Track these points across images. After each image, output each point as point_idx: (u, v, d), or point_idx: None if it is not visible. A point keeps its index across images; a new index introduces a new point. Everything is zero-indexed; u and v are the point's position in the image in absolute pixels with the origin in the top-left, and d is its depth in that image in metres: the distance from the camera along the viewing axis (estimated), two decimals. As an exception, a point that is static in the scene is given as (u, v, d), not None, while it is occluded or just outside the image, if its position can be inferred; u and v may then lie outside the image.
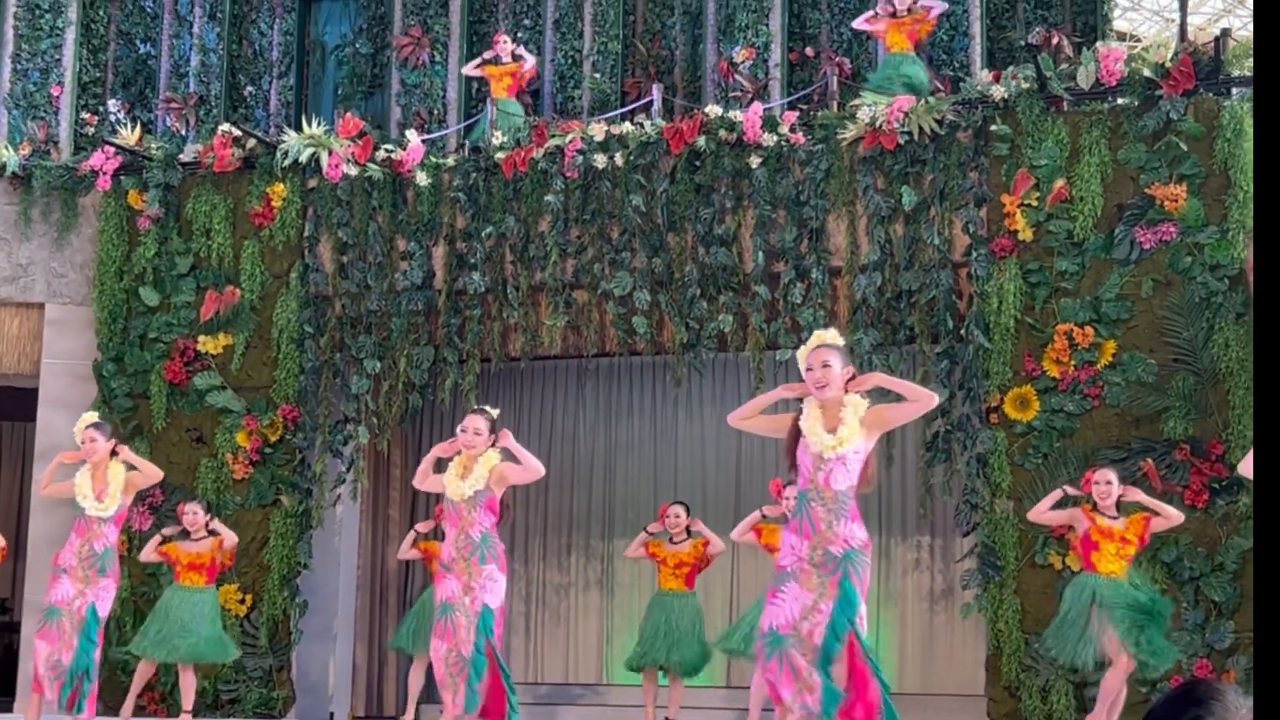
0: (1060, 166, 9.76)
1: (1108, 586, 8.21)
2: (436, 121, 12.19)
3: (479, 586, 7.48)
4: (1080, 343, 9.57)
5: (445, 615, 7.53)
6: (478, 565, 7.53)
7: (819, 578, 5.93)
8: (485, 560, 7.55)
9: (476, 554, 7.55)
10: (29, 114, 12.32)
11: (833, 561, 5.90)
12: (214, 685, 10.88)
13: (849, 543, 5.92)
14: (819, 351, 6.06)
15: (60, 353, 11.60)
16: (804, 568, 5.95)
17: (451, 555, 7.58)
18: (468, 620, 7.46)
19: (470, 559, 7.54)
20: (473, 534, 7.58)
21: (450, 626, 7.49)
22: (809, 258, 10.21)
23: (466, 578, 7.51)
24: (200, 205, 11.50)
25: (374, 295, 11.12)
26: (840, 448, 5.97)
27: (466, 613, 7.48)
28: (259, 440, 11.13)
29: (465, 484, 7.58)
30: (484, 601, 7.47)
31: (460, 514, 7.58)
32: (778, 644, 5.89)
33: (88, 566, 8.52)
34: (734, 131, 10.39)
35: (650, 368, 12.38)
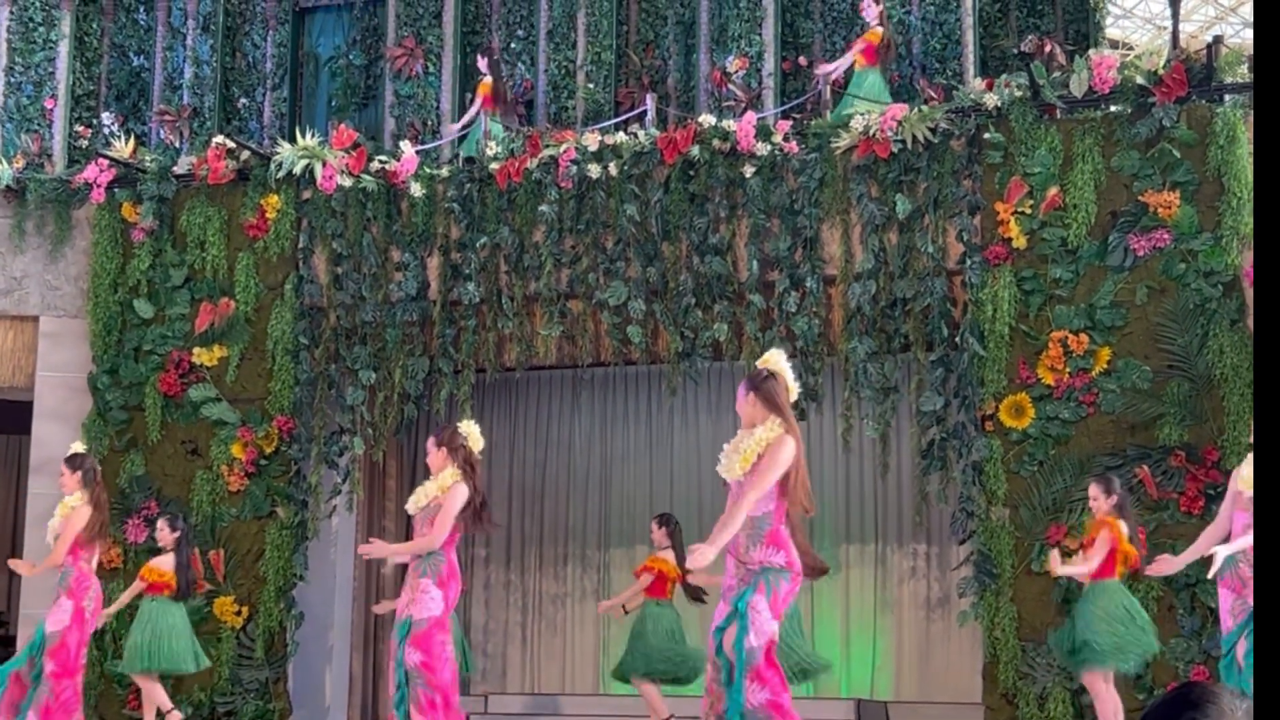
0: (1054, 174, 9.77)
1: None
2: (430, 132, 12.20)
3: (412, 601, 7.55)
4: (1075, 350, 9.57)
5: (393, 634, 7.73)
6: (416, 579, 7.58)
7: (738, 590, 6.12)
8: (426, 575, 7.57)
9: (418, 570, 7.59)
10: (23, 127, 12.32)
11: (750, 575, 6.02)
12: (210, 698, 10.86)
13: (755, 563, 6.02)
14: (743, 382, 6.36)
15: (55, 365, 11.59)
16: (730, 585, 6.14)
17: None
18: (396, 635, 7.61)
19: (413, 574, 7.61)
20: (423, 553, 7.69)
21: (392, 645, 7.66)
22: (803, 266, 10.22)
23: (410, 593, 7.59)
24: (194, 217, 11.50)
25: (369, 306, 11.11)
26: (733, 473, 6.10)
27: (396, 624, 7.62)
28: (254, 452, 11.12)
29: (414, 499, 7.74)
30: (409, 614, 7.53)
31: (416, 529, 7.71)
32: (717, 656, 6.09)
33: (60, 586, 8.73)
34: (728, 141, 10.40)
35: (645, 377, 12.38)
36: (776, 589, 6.00)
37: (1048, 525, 9.46)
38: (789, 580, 6.03)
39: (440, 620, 7.50)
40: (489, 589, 12.91)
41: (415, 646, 7.46)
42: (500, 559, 12.92)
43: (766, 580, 6.00)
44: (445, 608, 7.52)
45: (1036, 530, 9.46)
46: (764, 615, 5.94)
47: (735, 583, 6.05)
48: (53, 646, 8.60)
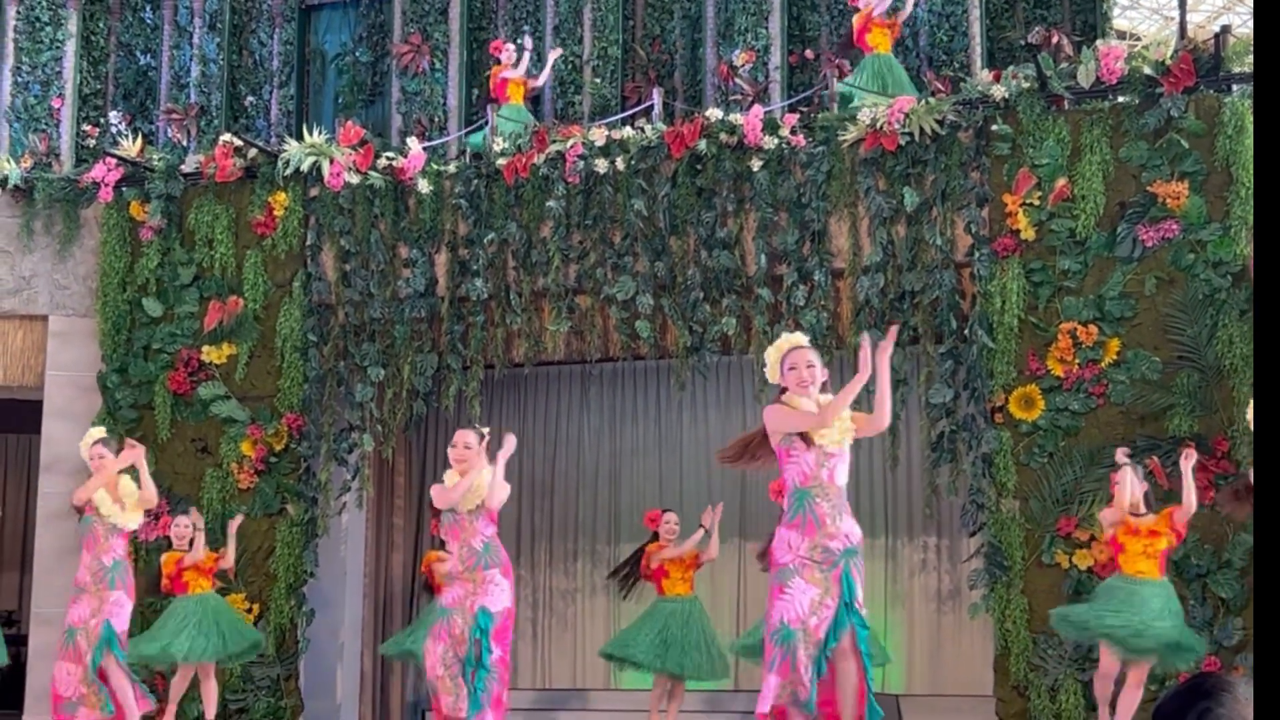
0: (1062, 165, 9.75)
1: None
2: (437, 129, 12.20)
3: (481, 591, 7.51)
4: (1084, 341, 9.56)
5: (444, 618, 7.65)
6: (481, 572, 7.60)
7: (821, 573, 6.02)
8: (489, 566, 7.62)
9: (480, 564, 7.63)
10: (30, 127, 12.35)
11: (830, 557, 6.01)
12: (222, 695, 10.86)
13: (849, 539, 6.06)
14: (803, 352, 6.26)
15: (64, 364, 11.61)
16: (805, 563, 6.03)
17: (457, 568, 7.69)
18: (464, 622, 7.50)
19: (475, 570, 7.61)
20: (475, 544, 7.70)
21: (447, 628, 7.58)
22: (811, 260, 10.21)
23: (471, 585, 7.58)
24: (202, 215, 11.51)
25: (377, 303, 11.12)
26: (845, 441, 6.11)
27: (465, 615, 7.54)
28: (264, 449, 11.13)
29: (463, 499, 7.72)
30: (481, 604, 7.50)
31: (462, 527, 7.70)
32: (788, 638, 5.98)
33: (98, 581, 8.58)
34: (735, 135, 10.39)
35: (654, 372, 12.38)
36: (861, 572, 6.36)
37: (1058, 517, 9.45)
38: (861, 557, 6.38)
39: (512, 610, 7.64)
40: (499, 585, 12.89)
41: (498, 642, 7.50)
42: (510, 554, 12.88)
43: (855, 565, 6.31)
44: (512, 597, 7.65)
45: (1047, 522, 9.45)
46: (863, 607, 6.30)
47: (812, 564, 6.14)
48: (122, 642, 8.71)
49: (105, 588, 8.61)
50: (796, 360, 6.35)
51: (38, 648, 11.37)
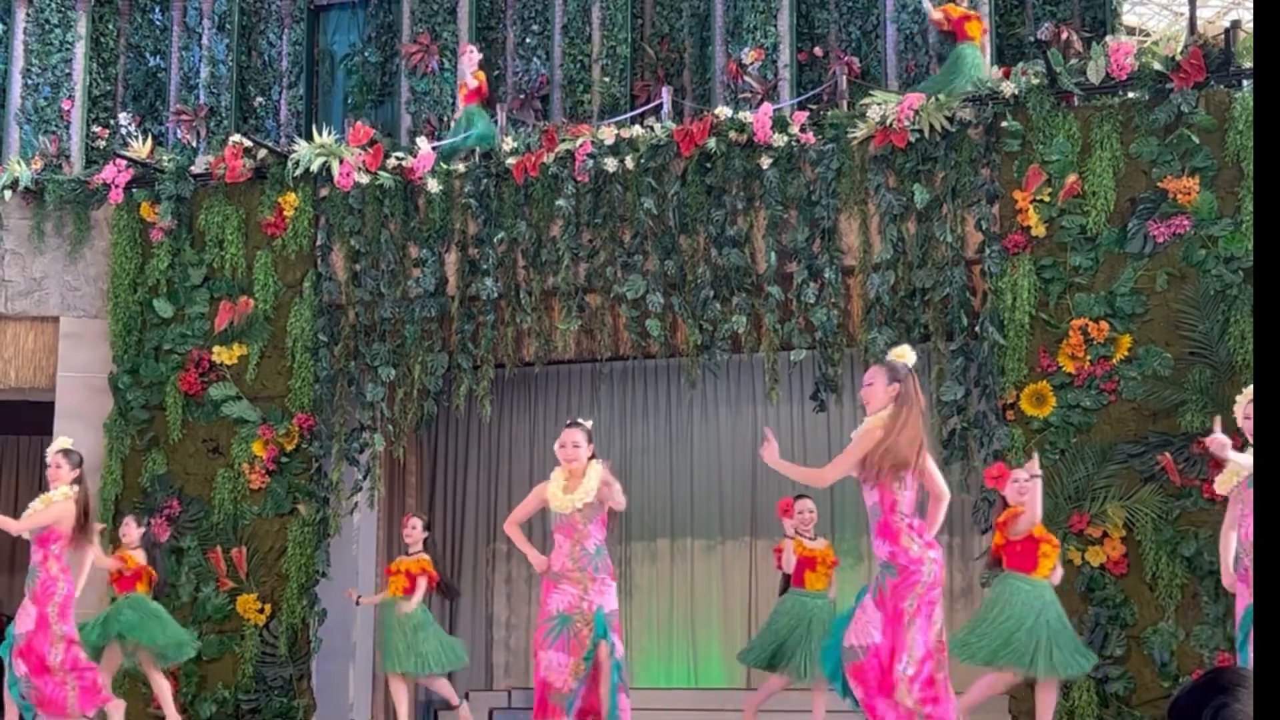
0: (1072, 162, 9.74)
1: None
2: (446, 128, 12.20)
3: (595, 592, 7.42)
4: (1095, 337, 9.54)
5: (565, 626, 7.42)
6: (593, 575, 7.48)
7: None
8: (600, 571, 7.51)
9: (592, 565, 7.48)
10: (40, 129, 12.37)
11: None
12: (235, 695, 10.89)
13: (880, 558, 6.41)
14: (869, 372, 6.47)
15: (75, 366, 11.63)
16: None
17: (566, 566, 7.50)
18: (588, 629, 7.38)
19: (586, 570, 7.48)
20: (588, 546, 7.51)
21: (574, 639, 7.39)
22: (822, 257, 10.20)
23: (583, 586, 7.45)
24: (213, 216, 11.53)
25: (387, 303, 11.13)
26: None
27: (585, 619, 7.41)
28: (275, 450, 11.14)
29: (574, 497, 7.53)
30: (598, 605, 7.42)
31: (575, 527, 7.52)
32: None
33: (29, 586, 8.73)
34: (744, 133, 10.39)
35: (664, 370, 12.39)
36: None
37: (1070, 513, 9.43)
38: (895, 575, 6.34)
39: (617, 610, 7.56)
40: (510, 584, 12.93)
41: (618, 637, 7.44)
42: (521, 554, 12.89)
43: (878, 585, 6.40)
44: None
45: (1059, 519, 9.43)
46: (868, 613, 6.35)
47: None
48: (20, 648, 8.62)
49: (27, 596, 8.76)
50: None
51: (51, 648, 11.38)
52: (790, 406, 12.08)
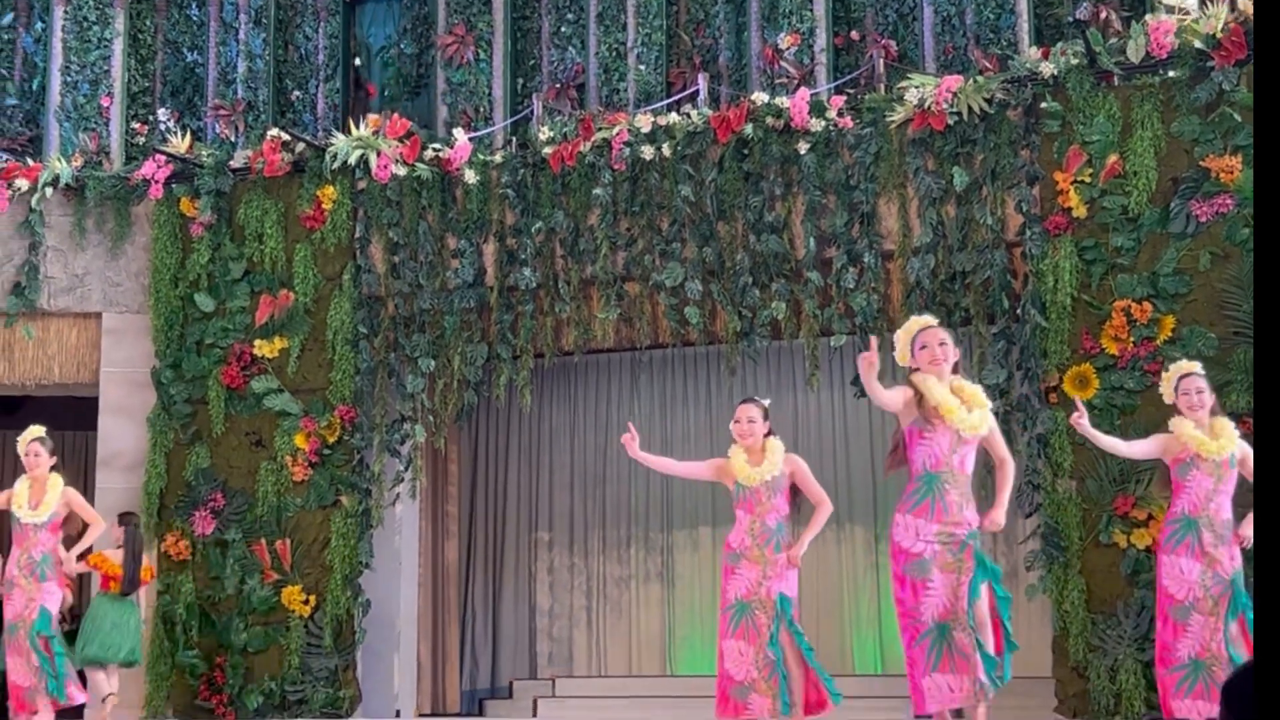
0: (1113, 142, 9.66)
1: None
2: (483, 119, 12.20)
3: (774, 575, 7.24)
4: (1139, 319, 9.47)
5: (744, 615, 7.24)
6: (772, 554, 7.31)
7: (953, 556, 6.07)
8: (780, 549, 7.35)
9: (772, 542, 7.33)
10: (80, 126, 12.44)
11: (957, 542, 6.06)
12: (280, 686, 10.95)
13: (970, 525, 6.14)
14: (934, 331, 6.29)
15: (118, 361, 11.71)
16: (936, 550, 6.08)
17: (745, 544, 7.32)
18: (767, 616, 7.21)
19: (766, 547, 7.31)
20: (769, 522, 7.38)
21: (752, 627, 7.20)
22: (861, 242, 10.16)
23: (762, 566, 7.27)
24: (252, 210, 11.57)
25: (426, 294, 11.15)
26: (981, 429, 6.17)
27: (764, 606, 7.22)
28: (317, 442, 11.19)
29: (759, 470, 7.39)
30: (779, 591, 7.25)
31: (758, 500, 7.36)
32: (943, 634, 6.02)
33: (28, 575, 8.69)
34: (781, 118, 10.35)
35: (704, 358, 12.37)
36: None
37: (1114, 496, 9.37)
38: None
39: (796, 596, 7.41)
40: (553, 573, 12.94)
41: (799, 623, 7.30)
42: (564, 543, 12.95)
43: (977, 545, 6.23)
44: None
45: (1104, 501, 9.37)
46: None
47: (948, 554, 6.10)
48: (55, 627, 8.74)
49: (37, 580, 8.73)
50: (928, 339, 6.38)
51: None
52: (831, 392, 12.05)
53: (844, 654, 11.98)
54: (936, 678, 6.02)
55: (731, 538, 7.41)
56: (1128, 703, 9.13)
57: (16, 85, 12.82)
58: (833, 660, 11.99)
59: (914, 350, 6.40)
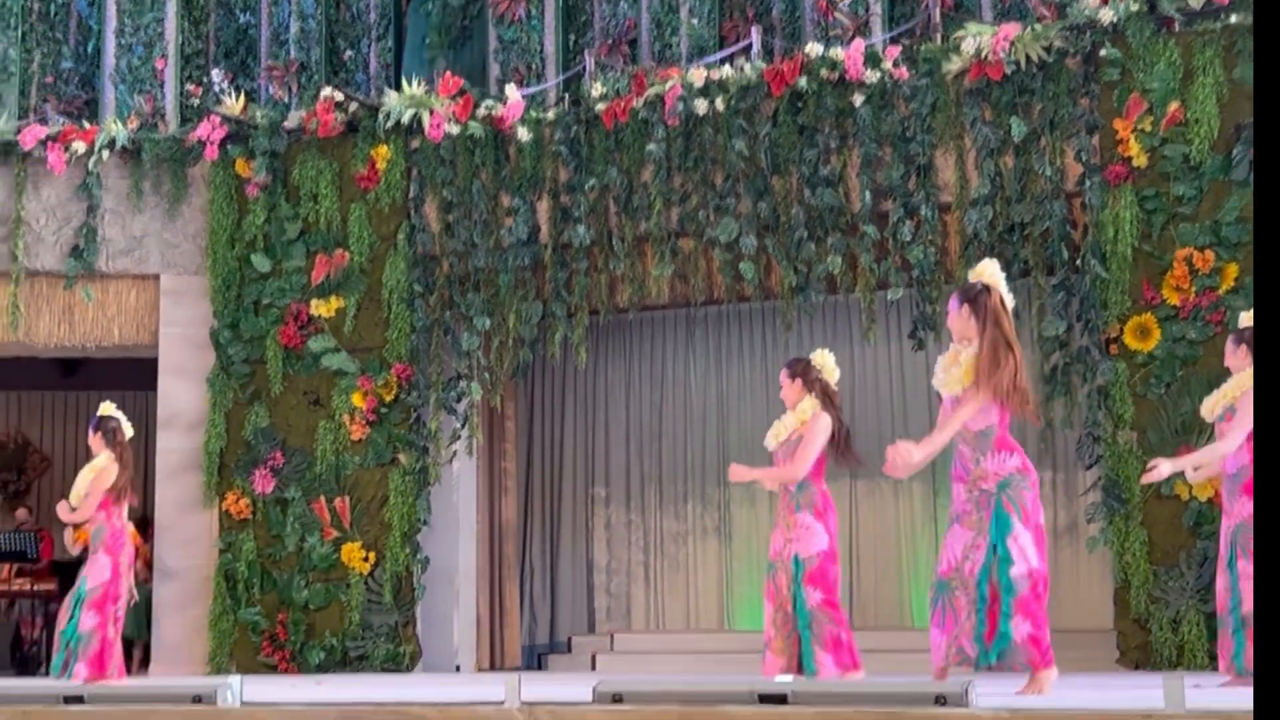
0: (1174, 89, 9.53)
1: None
2: (535, 76, 12.17)
3: (794, 538, 7.18)
4: (1200, 268, 9.36)
5: (768, 575, 7.23)
6: (793, 515, 7.24)
7: (976, 512, 5.92)
8: (799, 509, 7.27)
9: (793, 504, 7.27)
10: (135, 88, 12.50)
11: (985, 497, 5.89)
12: (342, 642, 11.06)
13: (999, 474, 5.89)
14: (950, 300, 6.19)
15: (177, 321, 11.80)
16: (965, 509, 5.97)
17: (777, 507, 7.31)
18: (787, 576, 7.16)
19: (787, 510, 7.27)
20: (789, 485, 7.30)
21: (774, 586, 7.18)
22: (917, 194, 10.08)
23: (786, 529, 7.23)
24: (306, 171, 11.62)
25: (480, 252, 11.16)
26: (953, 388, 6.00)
27: (785, 567, 7.17)
28: (374, 400, 11.25)
29: (773, 433, 7.37)
30: (794, 552, 7.15)
31: (777, 463, 7.33)
32: (942, 589, 5.90)
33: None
34: (836, 70, 10.27)
35: (759, 313, 12.32)
36: (1023, 502, 5.86)
37: (1177, 447, 9.26)
38: (1030, 487, 5.89)
39: (829, 553, 7.18)
40: (610, 529, 12.98)
41: (813, 585, 7.16)
42: (620, 499, 12.98)
43: (1009, 496, 5.88)
44: (830, 539, 7.18)
45: (1165, 453, 9.22)
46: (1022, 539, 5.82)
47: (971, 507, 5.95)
48: (94, 600, 8.78)
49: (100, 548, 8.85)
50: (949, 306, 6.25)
51: (163, 599, 11.63)
52: (888, 346, 11.98)
53: (903, 608, 11.96)
54: (934, 633, 5.95)
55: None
56: (1190, 654, 9.07)
57: (72, 48, 12.89)
58: (891, 614, 12.01)
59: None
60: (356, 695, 6.12)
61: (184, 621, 11.47)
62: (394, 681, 9.61)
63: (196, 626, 11.41)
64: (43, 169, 11.82)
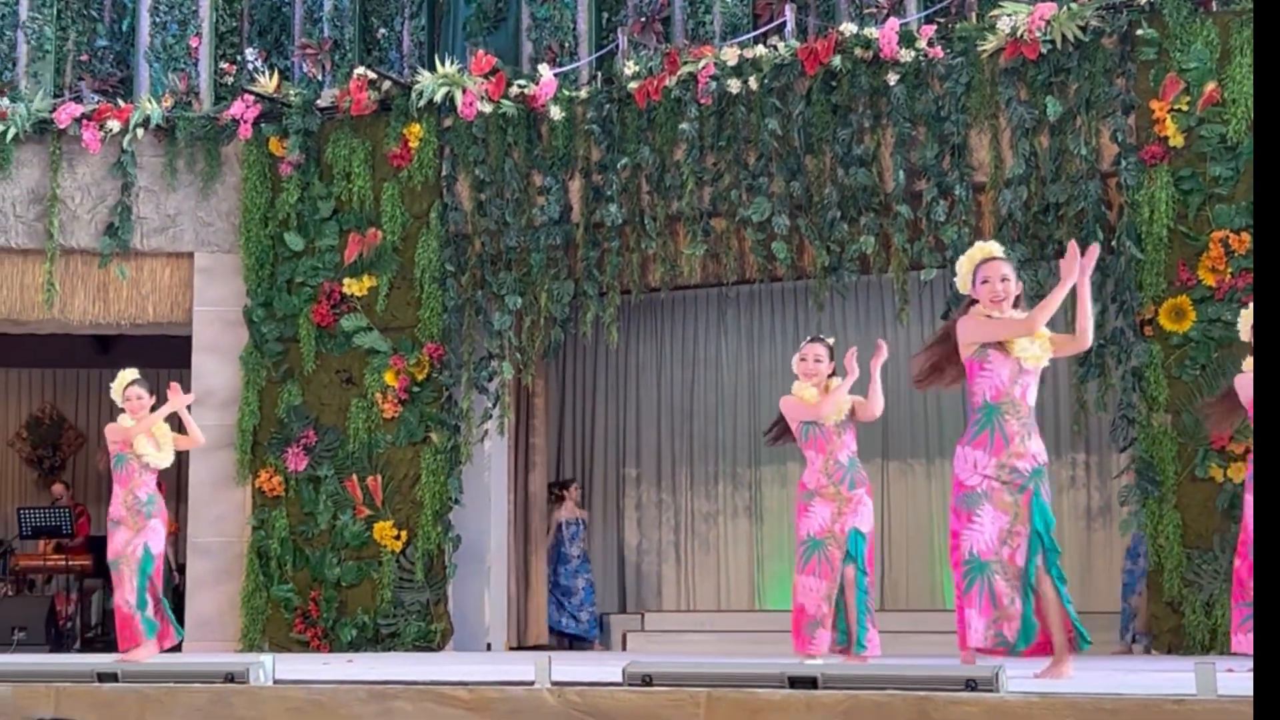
0: (1211, 69, 9.44)
1: None
2: (568, 55, 12.14)
3: (849, 511, 7.26)
4: (1236, 249, 9.28)
5: (817, 550, 7.25)
6: (846, 490, 7.35)
7: (1011, 496, 5.80)
8: (855, 485, 7.42)
9: (846, 479, 7.37)
10: (169, 66, 12.52)
11: (1018, 482, 5.78)
12: (374, 620, 11.11)
13: (1037, 459, 5.82)
14: (998, 265, 5.99)
15: (211, 300, 11.85)
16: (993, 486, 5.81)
17: (821, 482, 7.40)
18: (840, 551, 7.22)
19: (841, 485, 7.35)
20: (841, 458, 7.46)
21: (826, 562, 7.21)
22: (951, 174, 10.03)
23: (838, 503, 7.30)
24: (339, 149, 11.63)
25: (513, 231, 11.16)
26: (1044, 359, 5.89)
27: (838, 542, 7.22)
28: (406, 379, 11.28)
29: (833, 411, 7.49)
30: (853, 526, 7.26)
31: (829, 439, 7.42)
32: (981, 570, 5.78)
33: (135, 514, 8.71)
34: (870, 49, 10.21)
35: (791, 293, 12.30)
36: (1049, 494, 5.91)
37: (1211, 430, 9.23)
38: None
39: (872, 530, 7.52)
40: (641, 509, 13.00)
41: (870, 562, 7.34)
42: (651, 478, 12.99)
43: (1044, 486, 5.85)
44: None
45: (1200, 435, 9.24)
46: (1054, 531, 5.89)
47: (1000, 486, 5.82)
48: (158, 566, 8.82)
49: (143, 519, 8.76)
50: (990, 273, 6.01)
51: (196, 576, 11.70)
52: (921, 327, 11.91)
53: (934, 589, 11.94)
54: (969, 613, 5.86)
55: (806, 477, 7.51)
56: (1223, 638, 9.01)
57: (106, 26, 12.93)
58: (921, 595, 11.99)
59: (975, 281, 6.10)
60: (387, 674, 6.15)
61: (216, 598, 11.54)
62: (425, 660, 9.65)
63: (229, 603, 11.48)
64: (78, 147, 11.87)
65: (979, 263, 6.05)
